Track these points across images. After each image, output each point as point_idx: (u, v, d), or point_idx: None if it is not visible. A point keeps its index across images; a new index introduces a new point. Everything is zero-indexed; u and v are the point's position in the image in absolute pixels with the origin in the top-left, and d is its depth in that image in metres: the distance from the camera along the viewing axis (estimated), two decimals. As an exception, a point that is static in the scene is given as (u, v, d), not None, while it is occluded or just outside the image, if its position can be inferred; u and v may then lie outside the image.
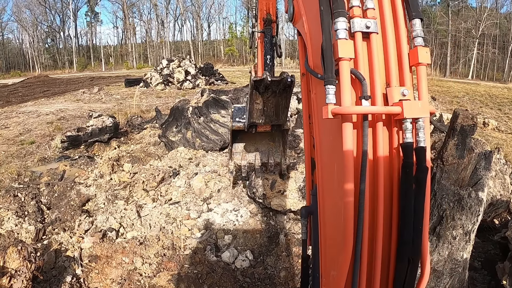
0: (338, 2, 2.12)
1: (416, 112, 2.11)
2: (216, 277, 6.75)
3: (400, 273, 2.24)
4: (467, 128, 5.61)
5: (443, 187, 5.46)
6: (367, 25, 2.15)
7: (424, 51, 2.19)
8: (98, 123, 14.74)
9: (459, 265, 5.26)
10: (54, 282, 6.57)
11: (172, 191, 9.77)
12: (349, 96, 2.08)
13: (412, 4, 2.24)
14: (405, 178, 2.17)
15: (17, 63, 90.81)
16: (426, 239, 2.23)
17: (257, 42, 5.92)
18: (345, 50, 2.08)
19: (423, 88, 2.23)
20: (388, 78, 2.21)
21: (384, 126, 2.20)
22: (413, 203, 2.16)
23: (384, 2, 2.23)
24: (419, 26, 2.22)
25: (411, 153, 2.15)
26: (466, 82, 50.81)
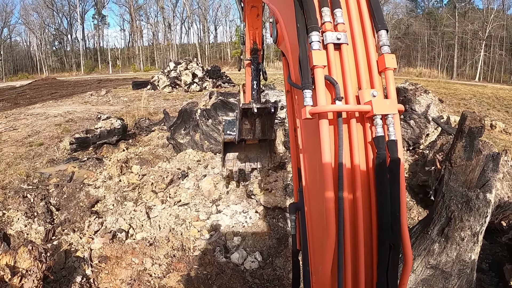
0: (311, 19, 2.39)
1: (384, 109, 2.34)
2: (225, 278, 6.79)
3: (383, 259, 2.37)
4: (475, 130, 5.63)
5: (451, 189, 5.48)
6: (337, 37, 2.40)
7: (390, 57, 2.42)
8: (106, 125, 14.80)
9: (467, 267, 5.28)
10: (64, 282, 6.62)
11: (181, 193, 9.81)
12: (324, 97, 2.31)
13: (378, 17, 2.50)
14: (379, 169, 2.36)
15: (25, 66, 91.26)
16: (405, 225, 2.36)
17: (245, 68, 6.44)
18: (319, 59, 2.33)
19: (392, 89, 2.44)
20: (359, 82, 2.44)
21: (357, 123, 2.42)
22: (389, 191, 2.33)
23: (353, 17, 2.50)
24: (385, 36, 2.48)
25: (383, 145, 2.35)
26: (473, 84, 50.62)
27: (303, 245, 2.94)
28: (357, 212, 2.37)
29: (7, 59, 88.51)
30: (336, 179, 2.32)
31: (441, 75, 65.71)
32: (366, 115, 2.39)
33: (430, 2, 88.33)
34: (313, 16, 2.40)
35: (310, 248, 2.79)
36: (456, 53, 72.29)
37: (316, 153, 2.42)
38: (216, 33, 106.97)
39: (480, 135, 5.68)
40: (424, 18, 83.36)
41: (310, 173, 2.75)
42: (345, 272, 2.35)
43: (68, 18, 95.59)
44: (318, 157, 2.37)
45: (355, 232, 2.38)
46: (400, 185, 2.35)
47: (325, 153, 2.29)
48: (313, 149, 2.54)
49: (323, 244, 2.38)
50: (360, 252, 2.37)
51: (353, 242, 2.37)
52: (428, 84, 35.17)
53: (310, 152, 2.69)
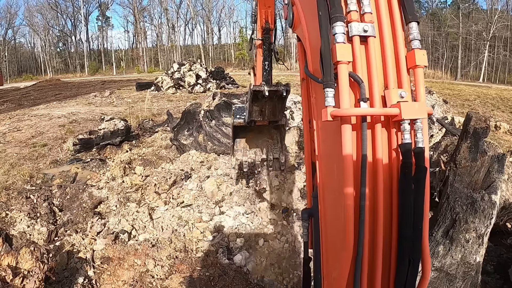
0: (336, 7, 2.17)
1: (413, 113, 2.15)
2: (228, 280, 6.76)
3: (401, 274, 2.24)
4: (480, 131, 5.59)
5: (456, 190, 5.44)
6: (364, 29, 2.19)
7: (421, 53, 2.22)
8: (110, 126, 14.82)
9: (472, 269, 5.23)
10: (66, 283, 6.60)
11: (184, 194, 9.79)
12: (348, 99, 2.12)
13: (409, 7, 2.28)
14: (404, 179, 2.20)
15: (29, 67, 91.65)
16: (426, 239, 2.24)
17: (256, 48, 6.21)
18: (343, 53, 2.12)
19: (421, 90, 2.24)
20: (386, 81, 2.25)
21: (382, 128, 2.23)
22: (413, 203, 2.18)
23: (381, 6, 2.28)
24: (415, 29, 2.26)
25: (410, 153, 2.18)
26: (477, 85, 50.57)
27: (316, 253, 2.84)
28: (377, 222, 2.23)
29: (12, 60, 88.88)
30: (357, 187, 2.16)
31: (445, 76, 65.62)
32: (392, 119, 2.22)
33: (434, 3, 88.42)
34: (338, 3, 2.19)
35: (323, 256, 2.68)
36: (460, 53, 72.23)
37: (334, 157, 2.28)
38: (220, 35, 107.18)
39: (485, 135, 5.64)
40: (428, 19, 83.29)
41: (327, 179, 2.58)
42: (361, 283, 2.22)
43: (72, 19, 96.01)
44: (337, 162, 2.24)
45: (373, 243, 2.25)
46: (424, 197, 2.20)
47: (347, 162, 2.13)
48: (332, 152, 2.41)
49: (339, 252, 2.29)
50: (378, 264, 2.25)
51: (371, 252, 2.24)
52: (432, 85, 35.10)
53: (328, 155, 2.53)
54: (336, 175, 2.31)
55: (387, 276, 2.31)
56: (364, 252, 2.18)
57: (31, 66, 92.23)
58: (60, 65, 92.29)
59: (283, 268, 7.17)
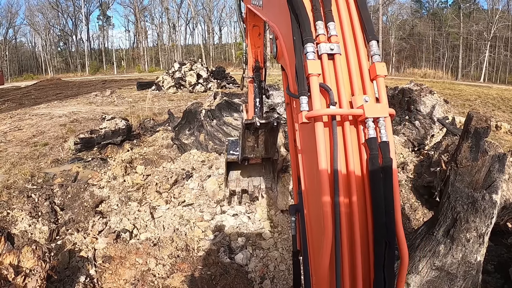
0: (306, 31, 2.58)
1: (376, 112, 2.50)
2: (229, 279, 6.77)
3: (379, 256, 2.45)
4: (481, 131, 5.60)
5: (457, 190, 5.45)
6: (331, 48, 2.58)
7: (381, 65, 2.59)
8: (111, 125, 14.82)
9: (472, 268, 5.25)
10: (68, 282, 6.62)
11: (185, 193, 9.80)
12: (319, 102, 2.46)
13: (368, 29, 2.70)
14: (372, 169, 2.48)
15: (30, 66, 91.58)
16: (400, 222, 2.48)
17: (248, 86, 6.55)
18: (314, 67, 2.51)
19: (383, 95, 2.60)
20: (352, 89, 2.61)
21: (351, 126, 2.57)
22: (383, 190, 2.45)
23: (345, 29, 2.70)
24: (375, 46, 2.66)
25: (376, 146, 2.48)
26: (478, 85, 50.47)
27: (303, 246, 3.06)
28: (353, 212, 2.49)
29: (13, 60, 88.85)
30: (332, 180, 2.44)
31: (446, 76, 65.53)
32: (359, 118, 2.53)
33: (434, 3, 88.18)
34: (308, 29, 2.59)
35: (309, 249, 2.90)
36: (461, 53, 72.13)
37: (313, 155, 2.56)
38: (221, 34, 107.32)
39: (486, 135, 5.65)
40: (428, 19, 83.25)
41: (308, 176, 2.89)
42: (343, 270, 2.44)
43: (73, 19, 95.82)
44: (315, 160, 2.50)
45: (351, 231, 2.48)
46: (393, 184, 2.48)
47: (321, 155, 2.44)
48: (310, 152, 2.69)
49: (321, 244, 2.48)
50: (357, 250, 2.47)
51: (349, 241, 2.48)
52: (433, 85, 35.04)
53: (308, 155, 2.85)
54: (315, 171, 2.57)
55: (367, 261, 2.52)
56: (342, 239, 2.44)
57: (32, 65, 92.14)
58: (61, 64, 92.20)
59: (284, 267, 7.18)
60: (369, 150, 2.49)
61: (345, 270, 2.44)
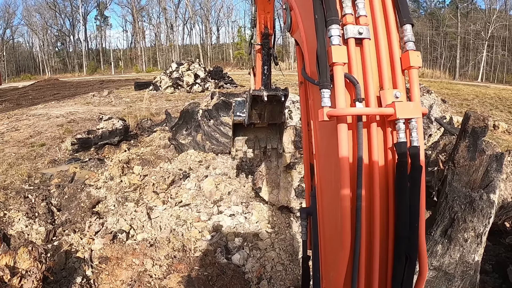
0: (331, 10, 2.22)
1: (408, 112, 2.20)
2: (226, 279, 6.75)
3: (398, 271, 2.28)
4: (479, 130, 5.58)
5: (455, 189, 5.43)
6: (359, 31, 2.24)
7: (415, 55, 2.27)
8: (108, 125, 14.79)
9: (470, 268, 5.23)
10: (64, 283, 6.59)
11: (182, 194, 9.78)
12: (343, 99, 2.16)
13: (403, 10, 2.33)
14: (400, 177, 2.24)
15: (27, 67, 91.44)
16: (423, 237, 2.28)
17: (255, 53, 6.37)
18: (339, 55, 2.17)
19: (415, 90, 2.30)
20: (381, 82, 2.30)
21: (378, 127, 2.28)
22: (409, 201, 2.22)
23: (376, 9, 2.34)
24: (409, 31, 2.30)
25: (405, 152, 2.23)
26: (476, 85, 50.61)
27: (314, 252, 2.87)
28: (373, 221, 2.28)
29: (10, 60, 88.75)
30: (354, 187, 2.20)
31: (444, 76, 65.60)
32: (388, 118, 2.26)
33: (432, 3, 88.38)
34: (333, 7, 2.24)
35: (321, 255, 2.70)
36: (458, 53, 72.30)
37: (332, 156, 2.32)
38: (219, 34, 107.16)
39: (484, 135, 5.63)
40: (426, 19, 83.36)
41: (324, 178, 2.62)
42: (358, 281, 2.27)
43: (71, 19, 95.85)
44: (334, 162, 2.27)
45: (370, 241, 2.28)
46: (420, 195, 2.24)
47: (343, 159, 2.16)
48: (329, 151, 2.43)
49: (337, 251, 2.30)
50: (375, 261, 2.29)
51: (368, 251, 2.28)
52: (431, 85, 35.10)
53: (326, 154, 2.57)
54: (333, 175, 2.33)
55: (385, 274, 2.34)
56: (361, 251, 2.21)
57: (30, 65, 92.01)
58: (58, 64, 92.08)
59: (281, 267, 7.16)
60: (397, 156, 2.25)
61: (361, 281, 2.26)
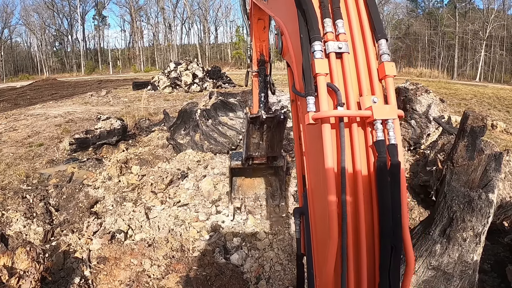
0: (314, 29, 2.53)
1: (385, 114, 2.45)
2: (225, 279, 6.74)
3: (385, 260, 2.43)
4: (477, 129, 5.59)
5: (453, 189, 5.44)
6: (339, 46, 2.55)
7: (390, 65, 2.55)
8: (106, 125, 14.77)
9: (469, 267, 5.24)
10: (62, 283, 6.58)
11: (180, 194, 9.77)
12: (326, 103, 2.42)
13: (378, 27, 2.65)
14: (380, 172, 2.45)
15: (25, 66, 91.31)
16: (406, 228, 2.44)
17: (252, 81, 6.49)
18: (321, 67, 2.46)
19: (391, 95, 2.56)
20: (360, 89, 2.57)
21: (359, 127, 2.54)
22: (390, 194, 2.41)
23: (354, 27, 2.66)
24: (384, 45, 2.61)
25: (384, 149, 2.45)
26: (474, 84, 50.61)
27: (307, 249, 3.03)
28: (359, 214, 2.45)
29: (8, 60, 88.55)
30: (338, 182, 2.41)
31: (442, 75, 65.61)
32: (367, 120, 2.49)
33: (430, 2, 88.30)
34: (316, 27, 2.54)
35: (314, 252, 2.86)
36: (456, 53, 72.26)
37: (319, 157, 2.51)
38: (217, 34, 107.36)
39: (482, 134, 5.64)
40: (424, 18, 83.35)
41: (313, 177, 2.83)
42: (348, 274, 2.41)
43: (69, 19, 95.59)
44: (321, 161, 2.46)
45: (357, 234, 2.44)
46: (400, 188, 2.42)
47: (327, 157, 2.39)
48: (316, 153, 2.62)
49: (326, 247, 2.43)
50: (363, 254, 2.43)
51: (355, 244, 2.44)
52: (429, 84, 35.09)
53: (314, 156, 2.78)
54: (321, 176, 2.53)
55: (373, 263, 2.49)
56: (348, 242, 2.39)
57: (28, 65, 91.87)
58: (56, 64, 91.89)
59: (279, 267, 7.16)
60: (377, 153, 2.46)
61: (350, 274, 2.41)
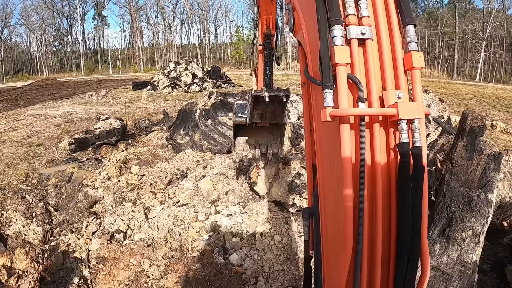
0: (334, 10, 2.22)
1: (411, 113, 2.20)
2: (224, 279, 6.73)
3: (400, 272, 2.28)
4: (476, 129, 5.57)
5: (452, 189, 5.43)
6: (362, 32, 2.24)
7: (418, 55, 2.26)
8: (105, 125, 14.77)
9: (468, 268, 5.23)
10: (62, 283, 6.57)
11: (179, 194, 9.76)
12: (346, 99, 2.16)
13: (406, 11, 2.32)
14: (402, 177, 2.23)
15: (25, 66, 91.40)
16: (425, 238, 2.26)
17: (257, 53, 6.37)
18: (342, 55, 2.17)
19: (418, 91, 2.30)
20: (384, 82, 2.29)
21: (381, 127, 2.28)
22: (411, 202, 2.21)
23: (379, 10, 2.33)
24: (412, 32, 2.30)
25: (408, 152, 2.21)
26: (474, 84, 50.64)
27: (316, 252, 2.87)
28: (376, 221, 2.28)
29: (8, 60, 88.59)
30: (356, 187, 2.20)
31: (442, 75, 65.60)
32: (390, 119, 2.26)
33: (430, 2, 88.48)
34: (336, 7, 2.24)
35: (323, 255, 2.70)
36: (456, 53, 72.32)
37: (334, 156, 2.32)
38: (216, 34, 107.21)
39: (482, 134, 5.63)
40: (424, 18, 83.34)
41: (327, 179, 2.62)
42: (360, 281, 2.26)
43: (68, 18, 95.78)
44: (337, 161, 2.26)
45: (372, 242, 2.28)
46: (422, 195, 2.23)
47: (345, 159, 2.17)
48: (331, 151, 2.43)
49: (339, 252, 2.31)
50: (377, 262, 2.29)
51: (370, 251, 2.28)
52: (429, 84, 35.18)
53: (328, 154, 2.56)
54: (336, 175, 2.33)
55: (387, 274, 2.34)
56: (363, 251, 2.21)
57: (27, 65, 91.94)
58: (56, 64, 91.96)
59: (279, 267, 7.16)
60: (399, 156, 2.24)
61: (363, 282, 2.26)
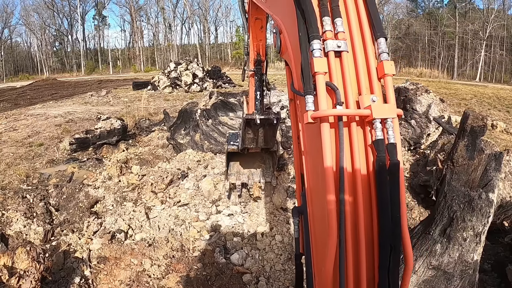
0: (313, 27, 2.49)
1: (384, 113, 2.43)
2: (225, 279, 6.74)
3: (384, 260, 2.42)
4: (477, 129, 5.58)
5: (453, 189, 5.43)
6: (338, 45, 2.52)
7: (389, 64, 2.52)
8: (106, 125, 14.77)
9: (469, 267, 5.23)
10: (63, 283, 6.57)
11: (180, 193, 9.76)
12: (325, 102, 2.41)
13: (377, 26, 2.62)
14: (379, 171, 2.43)
15: (26, 66, 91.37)
16: (405, 227, 2.42)
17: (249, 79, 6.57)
18: (320, 66, 2.43)
19: (391, 94, 2.53)
20: (359, 88, 2.54)
21: (358, 127, 2.50)
22: (389, 193, 2.39)
23: (353, 26, 2.63)
24: (383, 43, 2.59)
25: (383, 148, 2.42)
26: (474, 84, 50.63)
27: (306, 248, 2.99)
28: (358, 214, 2.43)
29: (8, 60, 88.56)
30: (337, 181, 2.38)
31: (442, 75, 65.65)
32: (366, 119, 2.47)
33: (430, 2, 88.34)
34: (315, 25, 2.50)
35: (313, 251, 2.84)
36: (456, 53, 72.25)
37: (318, 156, 2.49)
38: (217, 34, 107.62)
39: (483, 134, 5.64)
40: (424, 18, 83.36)
41: (312, 176, 2.81)
42: (347, 273, 2.40)
43: (69, 18, 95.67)
44: (320, 160, 2.43)
45: (356, 234, 2.43)
46: (399, 187, 2.41)
47: (326, 156, 2.36)
48: (315, 152, 2.61)
49: (325, 246, 2.42)
50: (362, 253, 2.42)
51: (354, 243, 2.42)
52: (429, 84, 35.09)
53: (312, 155, 2.76)
54: (320, 172, 2.51)
55: (372, 263, 2.48)
56: (347, 241, 2.40)
57: (28, 65, 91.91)
58: (56, 64, 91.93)
59: (280, 267, 7.16)
60: (376, 152, 2.44)
61: (350, 273, 2.41)
